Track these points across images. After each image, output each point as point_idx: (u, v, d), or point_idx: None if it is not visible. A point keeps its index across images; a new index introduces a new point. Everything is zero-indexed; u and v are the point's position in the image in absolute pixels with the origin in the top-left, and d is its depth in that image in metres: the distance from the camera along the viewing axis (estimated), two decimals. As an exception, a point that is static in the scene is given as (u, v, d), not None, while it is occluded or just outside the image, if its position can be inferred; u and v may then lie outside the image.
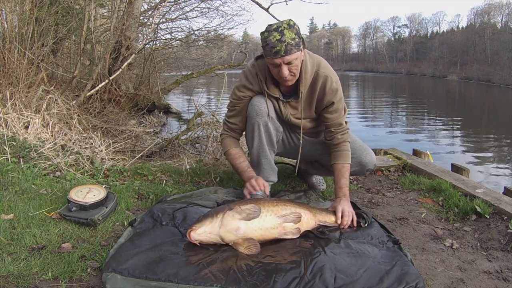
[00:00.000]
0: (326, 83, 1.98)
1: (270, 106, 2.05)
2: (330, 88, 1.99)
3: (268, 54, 1.83)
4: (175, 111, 8.81)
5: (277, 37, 1.76)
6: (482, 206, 2.07)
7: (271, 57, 1.81)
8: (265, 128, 2.05)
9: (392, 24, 69.50)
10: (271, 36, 1.78)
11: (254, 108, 2.02)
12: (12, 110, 3.22)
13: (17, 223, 1.78)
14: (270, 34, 1.78)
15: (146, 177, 2.57)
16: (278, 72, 1.86)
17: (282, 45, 1.76)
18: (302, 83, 1.97)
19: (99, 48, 5.98)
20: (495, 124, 12.27)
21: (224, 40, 9.34)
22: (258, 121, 2.03)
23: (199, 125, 4.12)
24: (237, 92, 2.08)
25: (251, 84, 2.05)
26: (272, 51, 1.79)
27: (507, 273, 1.58)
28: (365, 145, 2.23)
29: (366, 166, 2.20)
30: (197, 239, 1.58)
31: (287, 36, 1.76)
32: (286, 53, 1.78)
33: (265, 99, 2.04)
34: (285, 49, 1.77)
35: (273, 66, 1.86)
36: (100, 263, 1.52)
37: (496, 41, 43.96)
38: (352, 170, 2.18)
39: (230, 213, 1.62)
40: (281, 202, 1.77)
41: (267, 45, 1.80)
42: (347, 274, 1.44)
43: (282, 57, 1.79)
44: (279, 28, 1.78)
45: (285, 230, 1.68)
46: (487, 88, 31.97)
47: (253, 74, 2.05)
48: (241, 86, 2.07)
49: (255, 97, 2.05)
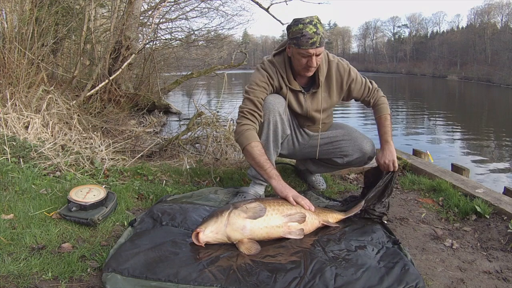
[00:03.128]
0: (339, 67, 2.14)
1: (284, 107, 2.09)
2: (344, 69, 2.14)
3: (303, 45, 1.90)
4: (175, 111, 8.80)
5: (313, 29, 1.88)
6: (482, 206, 2.07)
7: (307, 47, 1.90)
8: (274, 127, 2.07)
9: (392, 24, 69.55)
10: (307, 28, 1.89)
11: (267, 106, 2.04)
12: (12, 110, 3.22)
13: (17, 223, 1.78)
14: (306, 26, 1.89)
15: (146, 177, 2.57)
16: (307, 62, 1.95)
17: (318, 37, 1.89)
18: (321, 72, 2.09)
19: (99, 48, 5.99)
20: (495, 124, 12.26)
21: (224, 40, 9.33)
22: (269, 119, 2.04)
23: (199, 125, 4.11)
24: (259, 82, 2.04)
25: (271, 78, 2.07)
26: (309, 42, 1.89)
27: (507, 273, 1.58)
28: (364, 135, 2.31)
29: (367, 153, 2.25)
30: (205, 240, 1.59)
31: (320, 30, 1.90)
32: (321, 44, 1.91)
33: (280, 99, 2.07)
34: (320, 41, 1.90)
35: (303, 56, 1.94)
36: (100, 263, 1.52)
37: (496, 41, 43.94)
38: (354, 158, 2.26)
39: (236, 212, 1.63)
40: (286, 201, 1.79)
41: (303, 36, 1.89)
42: (347, 274, 1.44)
43: (317, 48, 1.90)
44: (313, 22, 1.90)
45: (290, 230, 1.70)
46: (487, 88, 31.97)
47: (272, 69, 2.08)
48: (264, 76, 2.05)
49: (270, 95, 2.08)
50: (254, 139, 1.94)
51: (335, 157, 2.28)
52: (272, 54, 2.13)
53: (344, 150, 2.24)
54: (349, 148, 2.23)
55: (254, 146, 1.92)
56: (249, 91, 2.04)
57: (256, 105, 2.01)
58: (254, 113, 2.00)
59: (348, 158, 2.25)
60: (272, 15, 7.62)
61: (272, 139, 2.09)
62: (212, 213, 1.69)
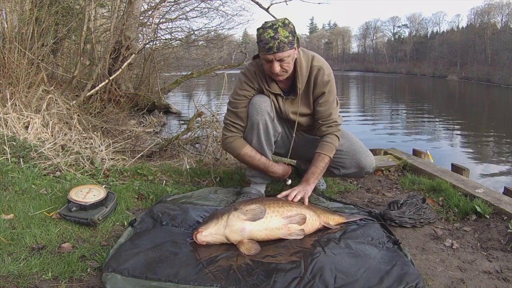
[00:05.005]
0: (318, 75, 2.03)
1: (271, 105, 2.07)
2: (322, 80, 2.03)
3: (261, 50, 1.88)
4: (175, 111, 8.80)
5: (271, 34, 1.82)
6: (482, 206, 2.07)
7: (264, 53, 1.87)
8: (264, 127, 2.07)
9: (392, 24, 69.48)
10: (265, 33, 1.84)
11: (254, 107, 2.04)
12: (12, 110, 3.22)
13: (17, 223, 1.78)
14: (265, 31, 1.84)
15: (146, 177, 2.57)
16: (270, 68, 1.91)
17: (275, 42, 1.82)
18: (298, 79, 2.02)
19: (99, 48, 5.98)
20: (495, 124, 12.26)
21: (224, 40, 9.33)
22: (257, 120, 2.04)
23: (199, 125, 4.11)
24: (239, 91, 2.09)
25: (251, 82, 2.07)
26: (265, 47, 1.84)
27: (507, 273, 1.58)
28: (365, 148, 2.23)
29: (365, 169, 2.20)
30: (204, 240, 1.60)
31: (280, 34, 1.82)
32: (278, 50, 1.83)
33: (266, 98, 2.06)
34: (278, 46, 1.82)
35: (266, 61, 1.91)
36: (100, 263, 1.52)
37: (496, 41, 43.90)
38: (351, 172, 2.21)
39: (236, 214, 1.63)
40: (286, 202, 1.78)
41: (261, 41, 1.86)
42: (347, 274, 1.44)
43: (274, 53, 1.84)
44: (274, 26, 1.83)
45: (290, 231, 1.69)
46: (487, 88, 31.95)
47: (251, 72, 2.08)
48: (243, 84, 2.09)
49: (255, 96, 2.08)
50: (242, 147, 2.10)
51: (331, 167, 2.20)
52: (253, 56, 2.11)
53: (342, 161, 2.19)
54: (346, 160, 2.19)
55: (244, 154, 2.11)
56: (231, 102, 2.12)
57: (238, 116, 2.09)
58: (236, 125, 2.10)
59: (345, 171, 2.22)
60: (272, 15, 7.60)
61: (264, 138, 2.09)
62: (212, 214, 1.69)
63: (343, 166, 2.21)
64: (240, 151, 2.10)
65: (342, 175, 2.27)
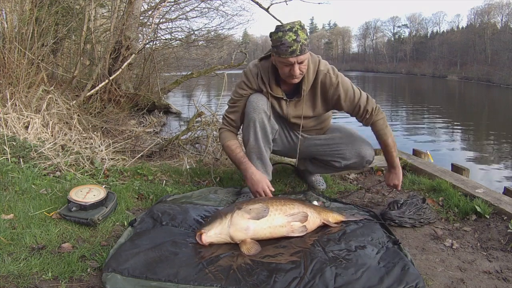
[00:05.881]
0: (326, 79, 2.06)
1: (268, 104, 2.09)
2: (331, 83, 2.06)
3: (282, 53, 1.86)
4: (175, 111, 8.79)
5: (293, 37, 1.82)
6: (482, 206, 2.07)
7: (287, 56, 1.86)
8: (261, 125, 2.08)
9: (392, 24, 69.47)
10: (286, 36, 1.83)
11: (251, 105, 2.06)
12: (12, 110, 3.22)
13: (17, 223, 1.78)
14: (286, 33, 1.83)
15: (146, 177, 2.57)
16: (290, 71, 1.91)
17: (298, 45, 1.83)
18: (304, 82, 2.04)
19: (99, 48, 5.98)
20: (495, 124, 12.25)
21: (224, 40, 9.32)
22: (254, 118, 2.06)
23: (199, 125, 4.11)
24: (238, 90, 2.14)
25: (250, 83, 2.10)
26: (288, 51, 1.84)
27: (507, 273, 1.58)
28: (364, 138, 2.29)
29: (365, 158, 2.24)
30: (208, 241, 1.61)
31: (301, 37, 1.83)
32: (301, 52, 1.85)
33: (262, 97, 2.08)
34: (300, 48, 1.84)
35: (285, 64, 1.91)
36: (100, 263, 1.52)
37: (496, 41, 43.89)
38: (352, 162, 2.25)
39: (240, 213, 1.65)
40: (288, 201, 1.82)
41: (282, 44, 1.84)
42: (347, 274, 1.44)
43: (297, 56, 1.85)
44: (293, 29, 1.83)
45: (293, 229, 1.72)
46: (487, 88, 31.94)
47: (253, 73, 2.10)
48: (242, 84, 2.12)
49: (253, 95, 2.10)
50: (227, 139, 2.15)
51: (332, 160, 2.27)
52: (259, 58, 2.12)
53: (342, 153, 2.23)
54: (347, 151, 2.22)
55: (227, 146, 2.14)
56: (230, 99, 2.20)
57: (233, 112, 2.16)
58: (229, 119, 2.18)
59: (346, 162, 2.25)
60: (272, 15, 7.59)
61: (261, 136, 2.10)
62: (215, 214, 1.70)
63: (344, 157, 2.24)
64: (224, 143, 2.16)
65: (344, 166, 2.29)
